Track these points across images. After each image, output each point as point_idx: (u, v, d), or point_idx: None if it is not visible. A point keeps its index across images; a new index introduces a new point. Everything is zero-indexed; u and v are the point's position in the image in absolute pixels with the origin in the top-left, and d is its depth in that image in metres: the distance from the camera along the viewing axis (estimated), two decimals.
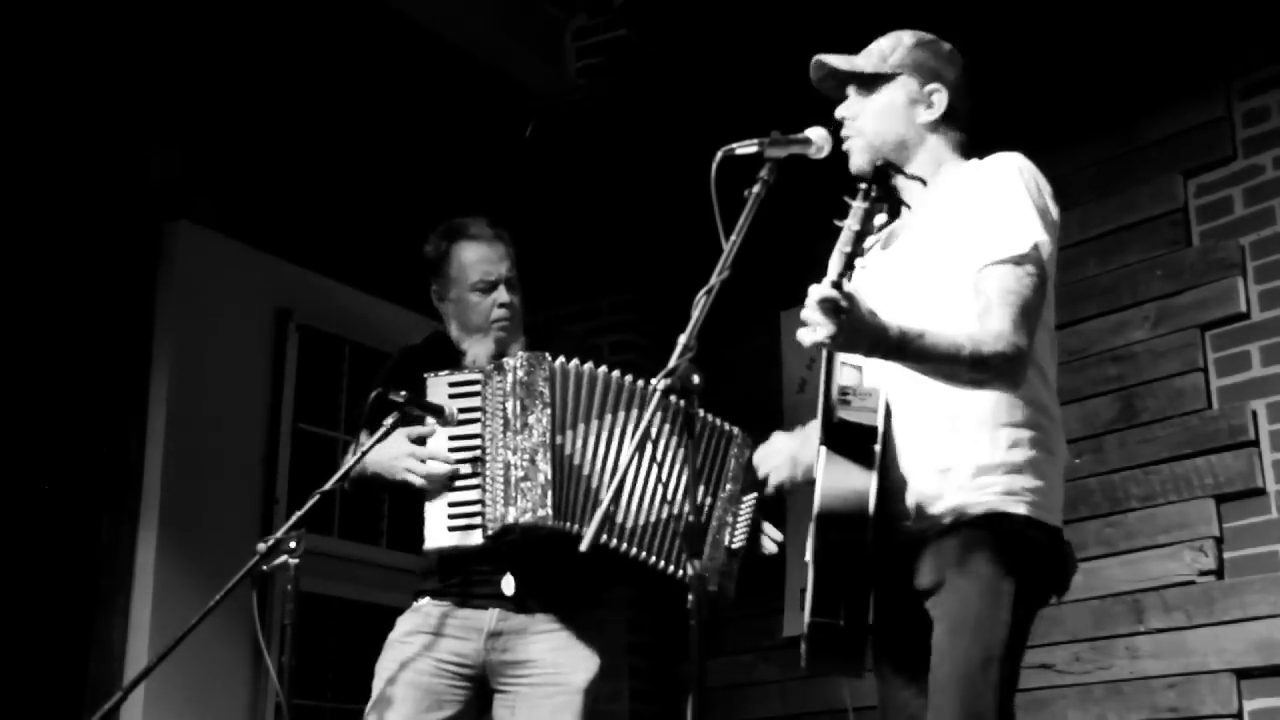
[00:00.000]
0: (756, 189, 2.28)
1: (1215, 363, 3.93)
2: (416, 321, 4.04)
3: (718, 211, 2.22)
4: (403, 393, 2.96)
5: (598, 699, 3.06)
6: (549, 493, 2.91)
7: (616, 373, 3.06)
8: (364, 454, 2.98)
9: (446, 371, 3.06)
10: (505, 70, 4.86)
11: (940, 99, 2.52)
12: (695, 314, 2.15)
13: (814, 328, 2.06)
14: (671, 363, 2.09)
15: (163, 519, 4.30)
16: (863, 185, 2.06)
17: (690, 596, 2.03)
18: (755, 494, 3.07)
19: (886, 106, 2.53)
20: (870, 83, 2.55)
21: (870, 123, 2.53)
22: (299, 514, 2.83)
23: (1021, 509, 2.32)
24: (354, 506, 4.84)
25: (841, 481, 2.29)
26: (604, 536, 2.87)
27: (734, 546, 3.05)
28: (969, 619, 2.26)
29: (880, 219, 2.05)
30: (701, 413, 2.99)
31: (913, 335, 2.16)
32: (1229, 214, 3.98)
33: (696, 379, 2.10)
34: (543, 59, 4.87)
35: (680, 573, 2.93)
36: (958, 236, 2.36)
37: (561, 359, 3.03)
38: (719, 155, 2.29)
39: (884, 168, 2.03)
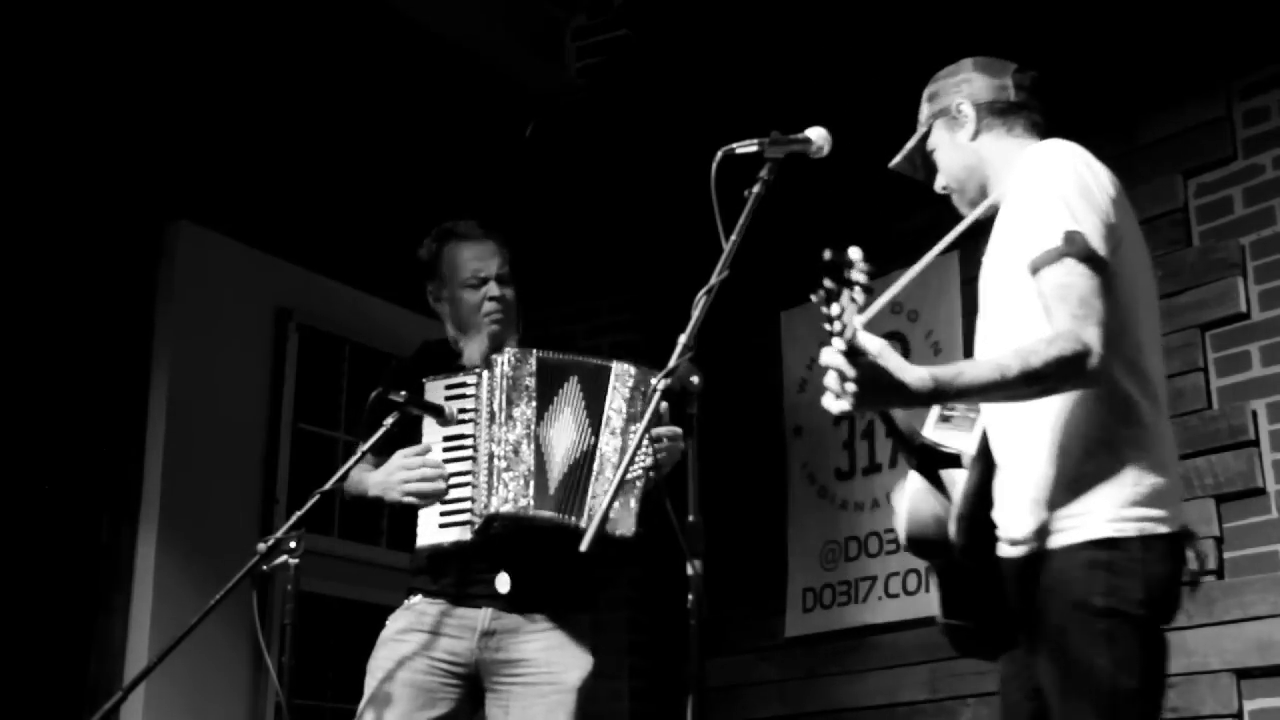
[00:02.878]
0: (756, 189, 2.28)
1: (1215, 363, 3.93)
2: (416, 321, 4.04)
3: (718, 211, 2.22)
4: (402, 393, 2.98)
5: (591, 698, 3.06)
6: (531, 482, 2.94)
7: (580, 357, 3.12)
8: (363, 454, 3.00)
9: (443, 376, 3.10)
10: (505, 70, 4.86)
11: (965, 108, 2.52)
12: (695, 314, 2.15)
13: (835, 396, 2.06)
14: (671, 363, 2.10)
15: (163, 519, 4.30)
16: (820, 280, 2.02)
17: (690, 596, 2.03)
18: (644, 423, 3.04)
19: (941, 155, 2.57)
20: (924, 143, 2.60)
21: (944, 169, 2.58)
22: (299, 514, 2.84)
23: (1105, 531, 2.19)
24: (354, 507, 4.84)
25: (924, 510, 2.30)
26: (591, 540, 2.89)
27: (627, 478, 2.94)
28: (1070, 679, 2.17)
29: (838, 308, 2.02)
30: (555, 355, 3.06)
31: (947, 378, 2.10)
32: (1229, 214, 3.98)
33: (696, 379, 2.10)
34: (543, 59, 4.87)
35: (571, 520, 2.94)
36: (1013, 240, 2.34)
37: (548, 353, 3.07)
38: (719, 155, 2.29)
39: (833, 262, 2.01)
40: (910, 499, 2.30)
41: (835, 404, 2.06)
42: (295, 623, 2.81)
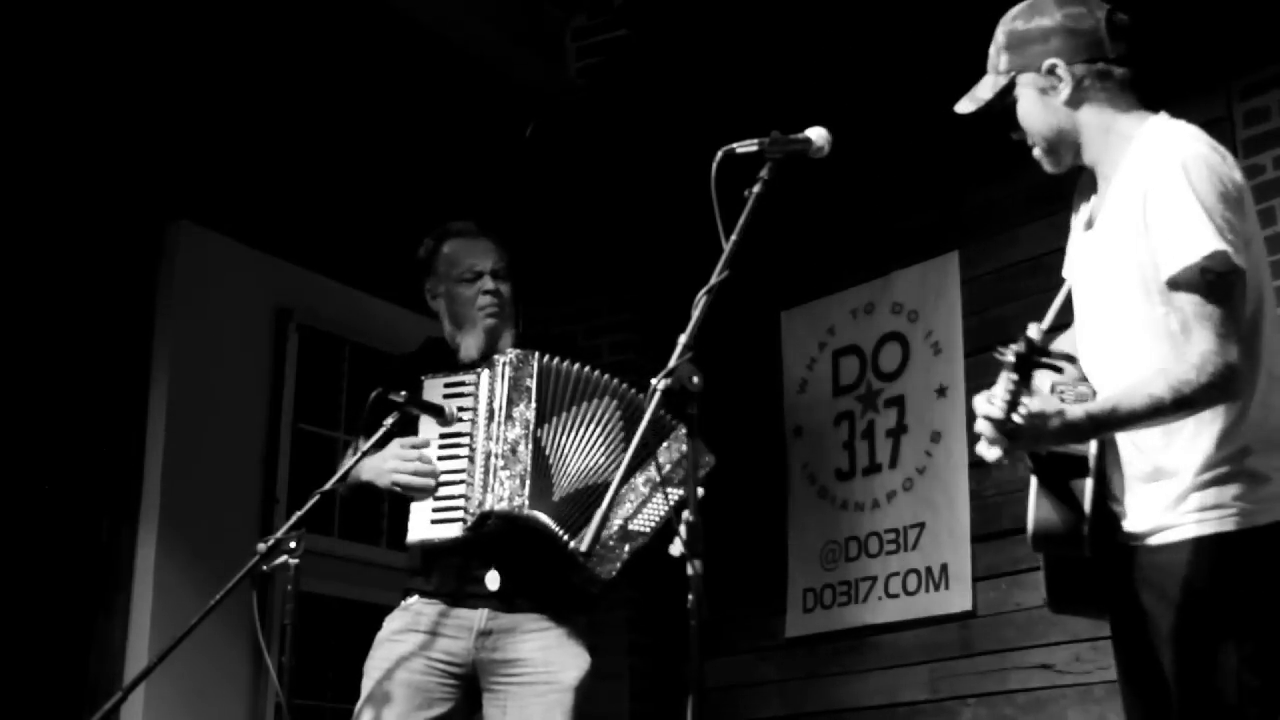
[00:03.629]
0: (756, 189, 2.28)
1: None
2: (416, 321, 4.03)
3: (718, 211, 2.22)
4: (402, 393, 2.99)
5: (588, 698, 3.06)
6: (527, 482, 2.94)
7: (607, 375, 3.12)
8: (363, 455, 3.01)
9: (442, 374, 3.11)
10: (505, 70, 4.86)
11: (1064, 74, 2.34)
12: (695, 314, 2.15)
13: (991, 445, 2.08)
14: (671, 363, 2.10)
15: (163, 519, 4.30)
16: (1004, 368, 2.03)
17: (690, 596, 2.03)
18: (681, 495, 3.03)
19: (1027, 112, 2.42)
20: (1004, 96, 2.44)
21: (1030, 127, 2.43)
22: (299, 514, 2.84)
23: (1237, 524, 2.19)
24: (354, 507, 4.84)
25: (1052, 518, 2.29)
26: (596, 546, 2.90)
27: (630, 527, 2.99)
28: (1193, 672, 2.17)
29: (1024, 399, 2.04)
30: (663, 412, 3.02)
31: (1103, 416, 2.14)
32: None
33: (696, 379, 2.10)
34: (543, 59, 4.87)
35: (565, 537, 2.93)
36: (1138, 230, 2.26)
37: (549, 357, 3.08)
38: (719, 155, 2.29)
39: (1027, 357, 2.02)
40: (1036, 508, 2.31)
41: (990, 452, 2.10)
42: (295, 623, 2.81)
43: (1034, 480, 2.32)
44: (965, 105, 2.48)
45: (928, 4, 4.34)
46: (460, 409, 3.06)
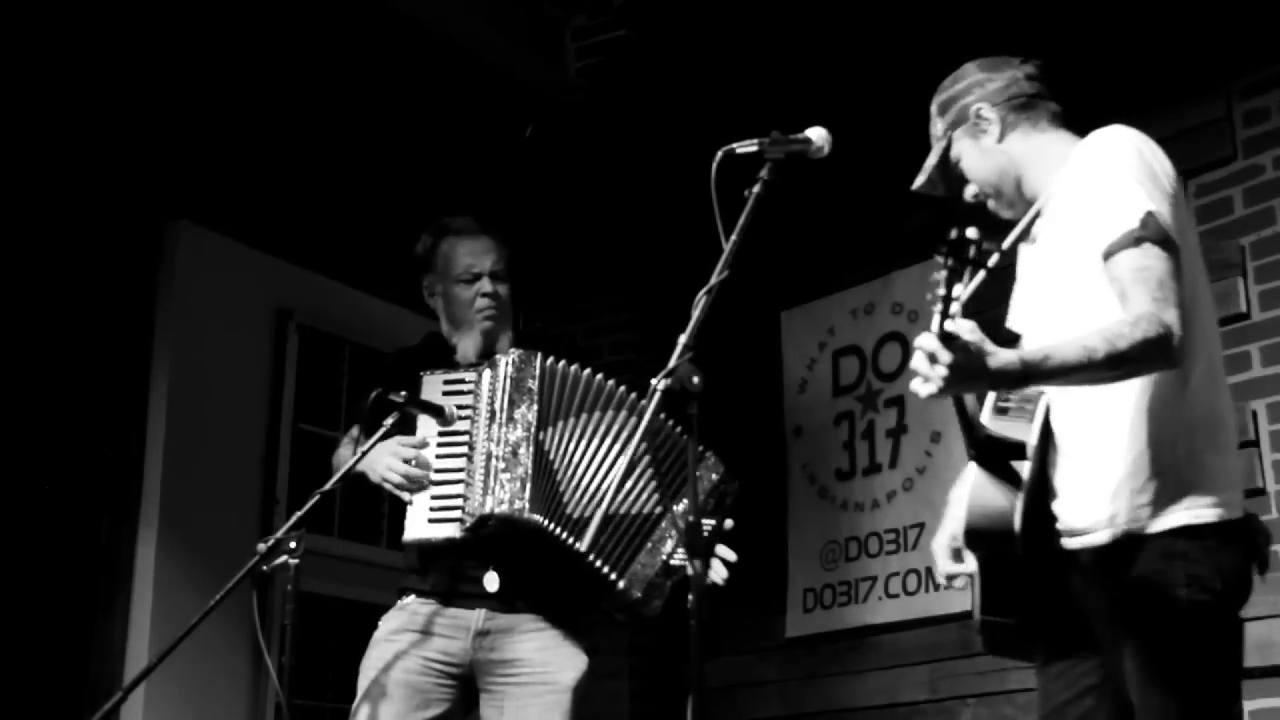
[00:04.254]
0: (756, 189, 2.28)
1: None
2: (416, 321, 4.03)
3: (718, 212, 2.22)
4: (402, 393, 2.98)
5: (586, 698, 3.05)
6: (528, 485, 2.93)
7: (609, 380, 3.11)
8: (363, 455, 2.99)
9: (441, 370, 3.09)
10: (505, 70, 4.86)
11: (985, 111, 2.49)
12: (695, 314, 2.15)
13: (924, 379, 2.03)
14: (671, 363, 2.10)
15: (163, 519, 4.30)
16: (938, 256, 1.99)
17: (690, 596, 2.03)
18: (714, 521, 3.02)
19: (970, 164, 2.54)
20: (945, 163, 2.56)
21: (976, 179, 2.55)
22: (299, 514, 2.83)
23: (1181, 517, 2.20)
24: (354, 506, 4.84)
25: (987, 501, 2.27)
26: (595, 546, 2.90)
27: (673, 562, 3.01)
28: (1155, 671, 2.17)
29: (960, 289, 2.01)
30: (669, 422, 3.02)
31: (1036, 361, 2.08)
32: (1229, 214, 3.98)
33: (696, 379, 2.10)
34: (543, 59, 4.87)
35: (613, 576, 2.94)
36: (1078, 227, 2.31)
37: (552, 359, 3.06)
38: (719, 155, 2.29)
39: (960, 239, 2.00)
40: (973, 489, 2.29)
41: (924, 387, 2.03)
42: (295, 623, 2.81)
43: (973, 468, 2.30)
44: (918, 181, 2.60)
45: (928, 4, 4.34)
46: (460, 408, 3.04)
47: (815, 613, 4.75)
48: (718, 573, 2.98)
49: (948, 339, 1.97)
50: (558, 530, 2.94)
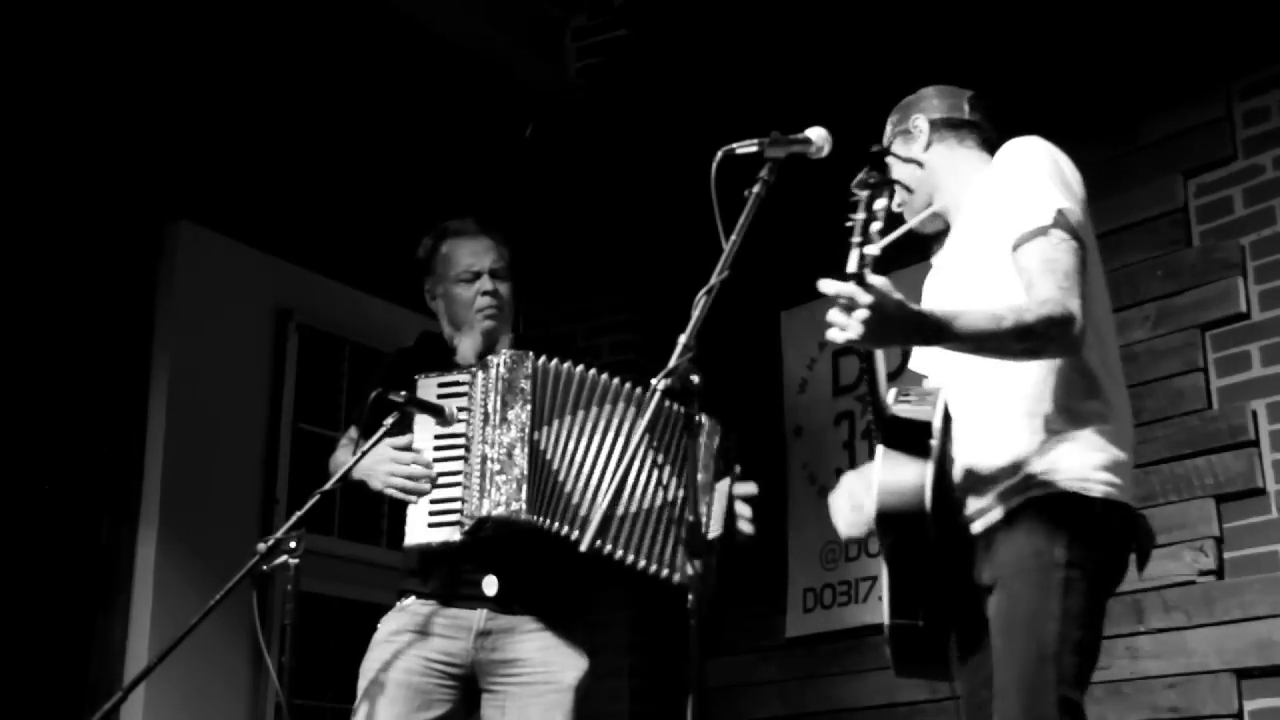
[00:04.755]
0: (756, 189, 2.28)
1: (1215, 363, 3.93)
2: (416, 321, 4.03)
3: (718, 212, 2.22)
4: (402, 393, 2.97)
5: (587, 699, 3.05)
6: (524, 487, 2.92)
7: (603, 374, 3.08)
8: (362, 455, 2.99)
9: (436, 372, 3.08)
10: (505, 70, 4.86)
11: (919, 122, 2.64)
12: (695, 314, 2.15)
13: (840, 327, 2.05)
14: (671, 363, 2.10)
15: (163, 519, 4.30)
16: (860, 175, 2.06)
17: (690, 596, 2.03)
18: (728, 479, 3.05)
19: (894, 167, 2.63)
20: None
21: (898, 177, 2.64)
22: (299, 514, 2.83)
23: (1071, 485, 2.29)
24: (354, 506, 4.84)
25: (897, 479, 2.27)
26: (598, 540, 2.89)
27: (710, 537, 3.01)
28: (1018, 619, 2.24)
29: (881, 204, 2.04)
30: (666, 402, 3.02)
31: (948, 318, 2.16)
32: (1229, 214, 3.98)
33: (696, 379, 2.10)
34: (543, 59, 4.87)
35: (665, 573, 2.95)
36: (992, 229, 2.39)
37: (544, 358, 3.05)
38: (719, 155, 2.29)
39: (879, 151, 2.04)
40: (882, 469, 2.29)
41: (840, 335, 2.07)
42: (295, 623, 2.80)
43: (880, 450, 2.31)
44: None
45: (928, 4, 4.34)
46: (458, 409, 3.04)
47: (815, 613, 4.75)
48: (744, 527, 3.08)
49: (862, 281, 1.99)
50: (559, 529, 2.94)
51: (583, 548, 2.87)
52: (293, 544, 2.79)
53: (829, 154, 2.41)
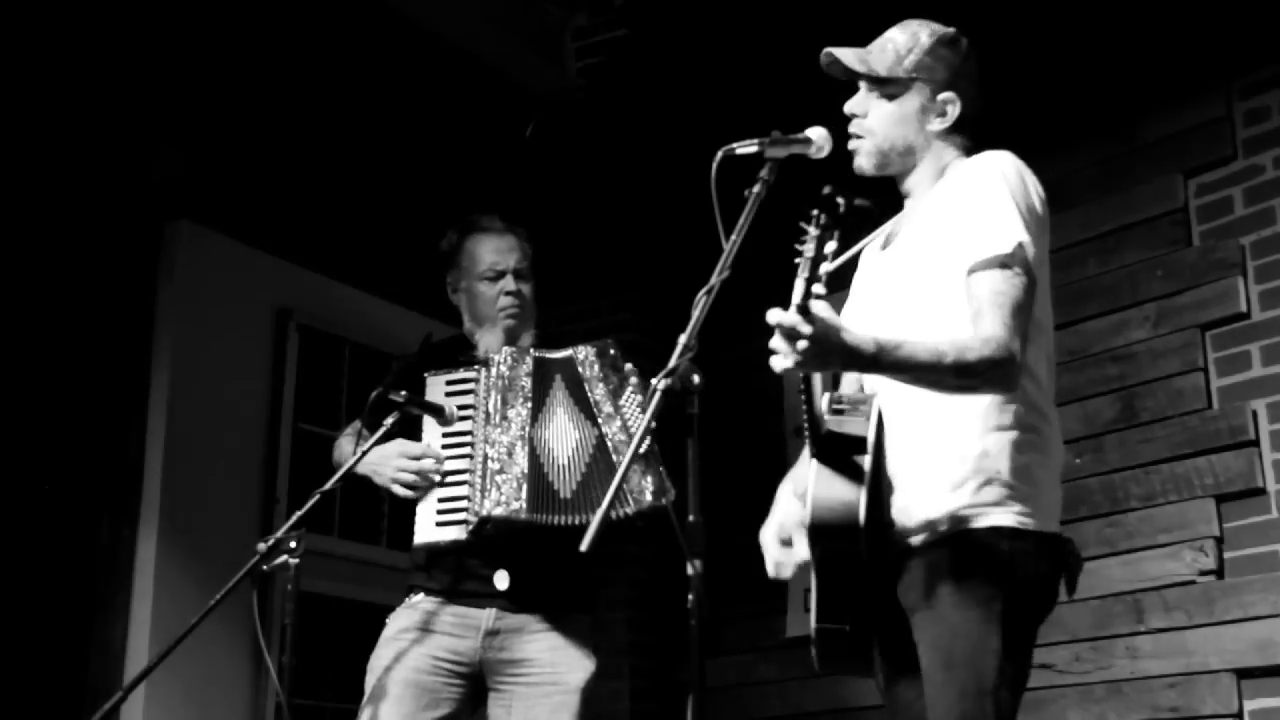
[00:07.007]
0: (757, 189, 2.28)
1: (1215, 363, 3.93)
2: (416, 321, 4.05)
3: (718, 211, 2.22)
4: (403, 392, 2.98)
5: (594, 699, 3.05)
6: (524, 486, 2.92)
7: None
8: (363, 454, 2.99)
9: (445, 370, 3.09)
10: (505, 70, 4.86)
11: (953, 110, 2.49)
12: (695, 314, 2.15)
13: (781, 355, 2.06)
14: (672, 362, 2.10)
15: (163, 519, 4.30)
16: (813, 212, 2.03)
17: (690, 596, 2.03)
18: (631, 387, 3.05)
19: (899, 114, 2.51)
20: (884, 83, 2.53)
21: (881, 126, 2.52)
22: (299, 514, 2.84)
23: (1008, 519, 2.28)
24: (354, 506, 4.84)
25: (831, 494, 2.27)
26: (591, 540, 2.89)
27: (641, 450, 2.99)
28: (958, 653, 2.23)
29: (832, 246, 2.03)
30: (548, 354, 3.01)
31: (890, 347, 2.12)
32: (1229, 214, 3.98)
33: (697, 379, 2.10)
34: (543, 59, 4.87)
35: (628, 510, 2.92)
36: (947, 237, 2.36)
37: (544, 351, 3.06)
38: (719, 155, 2.29)
39: (831, 196, 2.02)
40: (815, 484, 2.30)
41: (782, 363, 2.09)
42: (295, 623, 2.81)
43: (814, 464, 2.31)
44: (848, 58, 2.61)
45: (927, 4, 4.33)
46: (461, 407, 3.04)
47: None
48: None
49: (806, 314, 2.00)
50: (559, 522, 2.94)
51: (583, 548, 2.86)
52: (293, 544, 2.79)
53: (829, 154, 2.41)
